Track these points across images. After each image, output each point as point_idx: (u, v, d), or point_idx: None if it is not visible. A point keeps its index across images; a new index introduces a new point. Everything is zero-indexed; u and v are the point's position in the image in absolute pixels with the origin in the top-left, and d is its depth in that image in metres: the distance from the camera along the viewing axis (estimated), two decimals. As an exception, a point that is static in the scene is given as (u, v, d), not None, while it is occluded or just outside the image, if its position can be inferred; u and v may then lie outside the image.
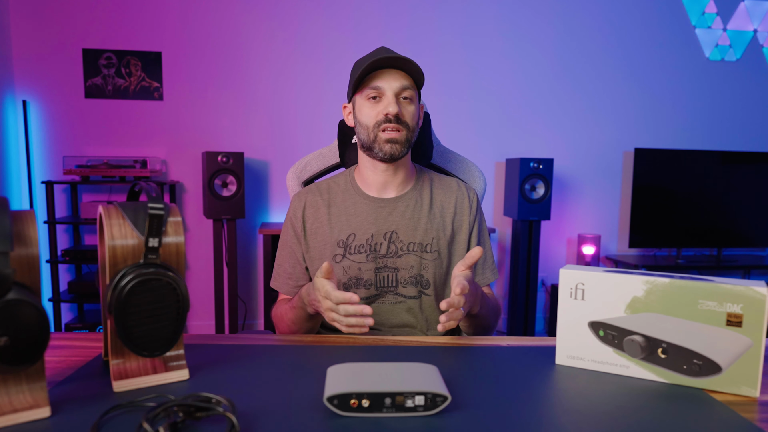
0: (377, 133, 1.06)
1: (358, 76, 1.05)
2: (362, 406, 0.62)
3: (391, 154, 1.07)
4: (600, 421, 0.62)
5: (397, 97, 1.06)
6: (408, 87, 1.07)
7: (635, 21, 3.29)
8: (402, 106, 1.07)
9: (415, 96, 1.09)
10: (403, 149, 1.07)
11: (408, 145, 1.08)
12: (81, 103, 2.97)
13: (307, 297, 0.98)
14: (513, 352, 0.86)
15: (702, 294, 0.71)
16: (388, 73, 1.06)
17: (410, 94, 1.07)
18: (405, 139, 1.07)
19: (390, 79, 1.06)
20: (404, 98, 1.07)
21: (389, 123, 1.05)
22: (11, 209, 0.59)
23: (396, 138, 1.06)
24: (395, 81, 1.06)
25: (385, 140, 1.06)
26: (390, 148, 1.06)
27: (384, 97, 1.06)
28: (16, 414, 0.59)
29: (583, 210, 3.40)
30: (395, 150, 1.07)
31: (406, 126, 1.07)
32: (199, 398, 0.60)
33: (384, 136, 1.06)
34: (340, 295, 0.87)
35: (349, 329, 0.88)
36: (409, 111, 1.08)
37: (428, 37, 3.18)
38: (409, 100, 1.08)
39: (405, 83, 1.06)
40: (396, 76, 1.06)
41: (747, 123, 3.45)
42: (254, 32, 3.06)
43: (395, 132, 1.06)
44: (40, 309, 0.57)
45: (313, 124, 3.14)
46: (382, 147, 1.06)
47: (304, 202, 1.17)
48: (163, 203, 0.68)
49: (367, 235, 1.11)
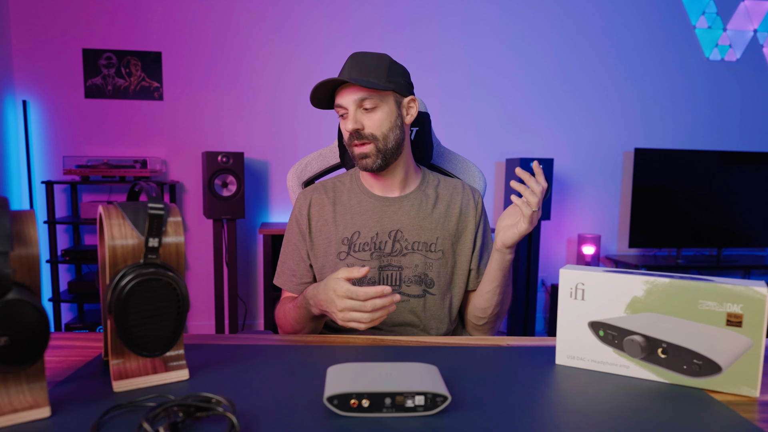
0: (352, 149, 1.09)
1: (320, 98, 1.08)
2: (362, 406, 0.62)
3: (365, 167, 1.08)
4: (600, 421, 0.62)
5: (360, 109, 1.06)
6: (366, 97, 1.04)
7: (635, 21, 3.29)
8: (364, 117, 1.06)
9: (380, 102, 1.05)
10: (376, 160, 1.07)
11: (381, 153, 1.07)
12: (81, 103, 2.97)
13: (314, 298, 0.97)
14: (513, 352, 0.86)
15: (702, 294, 0.71)
16: (346, 86, 1.06)
17: (371, 103, 1.05)
18: (375, 150, 1.06)
19: (347, 94, 1.05)
20: (365, 109, 1.06)
21: (354, 139, 1.06)
22: (11, 209, 0.59)
23: (364, 152, 1.07)
24: (352, 95, 1.05)
25: (357, 156, 1.08)
26: (364, 163, 1.08)
27: (348, 113, 1.07)
28: (16, 414, 0.59)
29: (583, 210, 3.40)
30: (368, 164, 1.07)
31: (372, 137, 1.06)
32: (199, 398, 0.60)
33: (355, 151, 1.08)
34: (371, 290, 0.85)
35: (371, 323, 0.88)
36: (373, 120, 1.05)
37: (428, 38, 3.17)
38: (372, 109, 1.05)
39: (362, 94, 1.04)
40: (352, 89, 1.05)
41: (747, 123, 3.45)
42: (254, 32, 3.06)
43: (361, 146, 1.07)
44: (40, 309, 0.57)
45: (313, 124, 3.14)
46: (359, 162, 1.09)
47: (309, 200, 1.17)
48: (163, 203, 0.68)
49: (372, 233, 1.11)
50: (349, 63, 1.07)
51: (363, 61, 1.06)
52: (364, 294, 0.85)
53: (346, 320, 0.89)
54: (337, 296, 0.88)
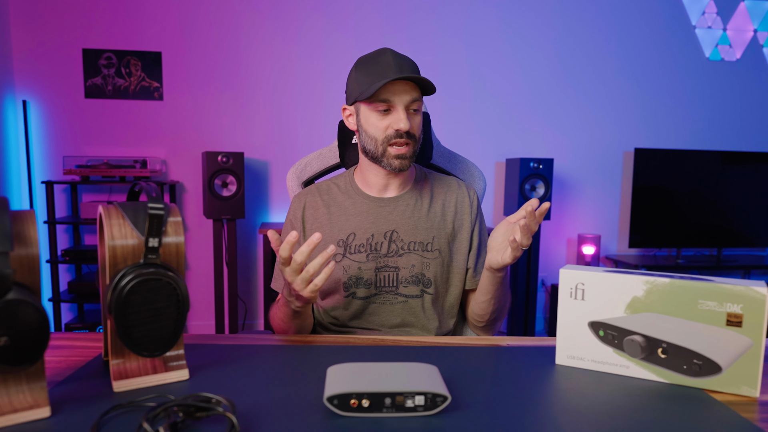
0: (386, 147, 1.05)
1: (372, 90, 1.01)
2: (362, 406, 0.62)
3: (400, 168, 1.07)
4: (600, 421, 0.62)
5: (407, 110, 1.05)
6: (418, 98, 1.05)
7: (635, 21, 3.29)
8: (411, 118, 1.06)
9: (421, 105, 1.08)
10: (410, 162, 1.08)
11: (415, 156, 1.08)
12: (81, 103, 2.97)
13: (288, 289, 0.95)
14: (513, 352, 0.86)
15: (702, 294, 0.71)
16: (399, 84, 1.03)
17: (418, 106, 1.06)
18: (413, 152, 1.07)
19: (401, 93, 1.03)
20: (414, 110, 1.06)
21: (400, 138, 1.04)
22: (11, 209, 0.59)
23: (405, 153, 1.05)
24: (406, 94, 1.04)
25: (394, 156, 1.05)
26: (399, 163, 1.06)
27: (394, 111, 1.04)
28: (16, 414, 0.59)
29: (583, 210, 3.40)
30: (404, 165, 1.07)
31: (414, 138, 1.06)
32: (199, 398, 0.60)
33: (393, 151, 1.05)
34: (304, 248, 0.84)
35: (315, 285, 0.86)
36: (416, 122, 1.07)
37: (428, 37, 3.17)
38: (417, 111, 1.07)
39: (415, 95, 1.05)
40: (406, 88, 1.04)
41: (747, 123, 3.45)
42: (254, 32, 3.06)
43: (405, 147, 1.05)
44: (40, 309, 0.57)
45: (313, 124, 3.14)
46: (392, 162, 1.06)
47: (303, 203, 1.17)
48: (163, 203, 0.68)
49: (368, 235, 1.11)
50: (395, 60, 1.04)
51: (407, 61, 1.05)
52: (300, 255, 0.84)
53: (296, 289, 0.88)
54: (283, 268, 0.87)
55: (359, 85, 1.06)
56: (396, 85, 1.03)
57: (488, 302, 1.10)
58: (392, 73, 1.01)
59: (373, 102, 1.04)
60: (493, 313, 1.13)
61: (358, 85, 1.06)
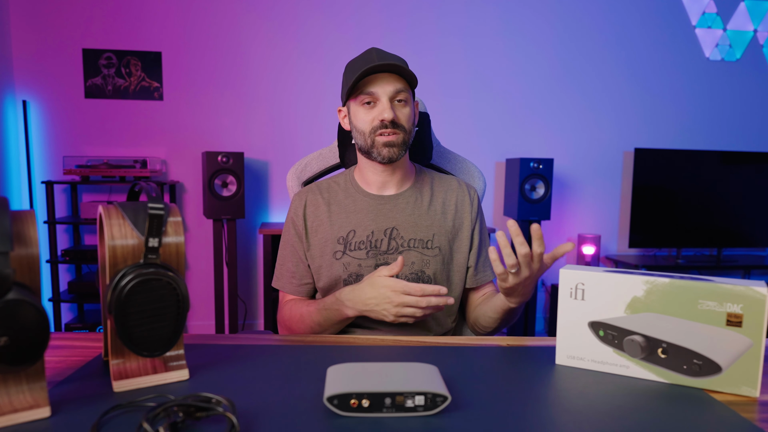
0: (374, 138, 1.07)
1: (352, 82, 1.05)
2: (362, 406, 0.62)
3: (389, 157, 1.08)
4: (600, 421, 0.62)
5: (392, 101, 1.06)
6: (402, 90, 1.07)
7: (635, 21, 3.29)
8: (396, 109, 1.07)
9: (409, 97, 1.09)
10: (400, 151, 1.08)
11: (405, 146, 1.09)
12: (81, 103, 2.97)
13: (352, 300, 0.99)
14: (513, 352, 0.86)
15: (702, 294, 0.71)
16: (381, 77, 1.06)
17: (404, 97, 1.07)
18: (402, 141, 1.08)
19: (383, 84, 1.05)
20: (399, 101, 1.07)
21: (386, 128, 1.06)
22: (11, 209, 0.59)
23: (393, 141, 1.06)
24: (389, 85, 1.06)
25: (382, 144, 1.07)
26: (388, 151, 1.07)
27: (379, 103, 1.06)
28: (16, 414, 0.59)
29: (583, 210, 3.40)
30: (393, 153, 1.07)
31: (402, 128, 1.07)
32: (199, 398, 0.60)
33: (381, 140, 1.07)
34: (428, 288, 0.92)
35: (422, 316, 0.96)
36: (404, 113, 1.08)
37: (428, 38, 3.17)
38: (404, 102, 1.08)
39: (399, 86, 1.06)
40: (389, 79, 1.06)
41: (747, 123, 3.45)
42: (254, 32, 3.06)
43: (392, 135, 1.06)
44: (40, 309, 0.57)
45: (313, 124, 3.14)
46: (380, 151, 1.07)
47: (304, 201, 1.17)
48: (163, 203, 0.68)
49: (368, 232, 1.12)
50: (378, 54, 1.06)
51: (393, 56, 1.07)
52: (420, 290, 0.92)
53: (399, 315, 0.95)
54: (394, 292, 0.94)
55: (346, 82, 1.09)
56: (379, 78, 1.06)
57: (495, 320, 1.09)
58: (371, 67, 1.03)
59: (358, 96, 1.07)
60: (497, 329, 1.13)
61: (346, 83, 1.09)
